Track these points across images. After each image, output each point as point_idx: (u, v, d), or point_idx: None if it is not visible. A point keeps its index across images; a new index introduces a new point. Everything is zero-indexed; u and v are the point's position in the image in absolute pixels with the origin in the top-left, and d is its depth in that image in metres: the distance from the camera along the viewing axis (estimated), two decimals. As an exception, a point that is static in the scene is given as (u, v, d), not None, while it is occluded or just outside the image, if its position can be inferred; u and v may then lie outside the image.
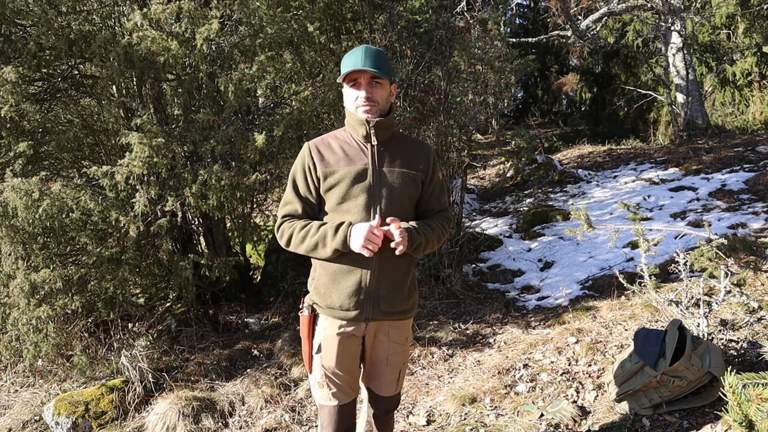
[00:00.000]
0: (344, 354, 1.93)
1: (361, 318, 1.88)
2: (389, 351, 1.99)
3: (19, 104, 3.32)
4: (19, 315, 3.37)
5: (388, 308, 1.89)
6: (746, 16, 11.25)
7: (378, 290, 1.87)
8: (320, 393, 1.99)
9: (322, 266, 1.90)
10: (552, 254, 5.52)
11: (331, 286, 1.88)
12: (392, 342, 1.98)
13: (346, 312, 1.87)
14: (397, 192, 1.87)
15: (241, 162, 3.76)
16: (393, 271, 1.89)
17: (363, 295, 1.86)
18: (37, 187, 3.22)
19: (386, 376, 2.04)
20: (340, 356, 1.92)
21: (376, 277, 1.85)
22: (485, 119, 7.43)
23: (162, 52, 3.47)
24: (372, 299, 1.87)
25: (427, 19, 5.14)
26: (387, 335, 1.97)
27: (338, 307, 1.87)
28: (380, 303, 1.88)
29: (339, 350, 1.92)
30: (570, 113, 17.55)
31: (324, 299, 1.90)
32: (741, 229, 4.88)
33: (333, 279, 1.87)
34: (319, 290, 1.92)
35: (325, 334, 1.93)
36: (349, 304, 1.86)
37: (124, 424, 3.31)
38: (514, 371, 3.35)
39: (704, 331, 2.86)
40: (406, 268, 1.94)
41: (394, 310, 1.92)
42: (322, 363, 1.94)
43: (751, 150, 7.87)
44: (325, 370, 1.95)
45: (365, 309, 1.87)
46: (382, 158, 1.88)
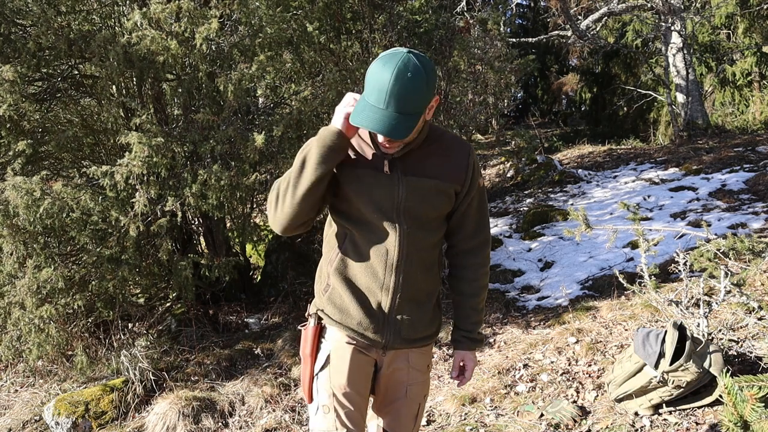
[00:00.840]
0: (357, 370, 1.63)
1: (379, 344, 1.62)
2: (409, 380, 1.69)
3: (18, 104, 3.32)
4: (22, 315, 3.37)
5: (410, 335, 1.64)
6: (746, 16, 11.25)
7: (400, 315, 1.61)
8: (324, 421, 1.61)
9: (339, 276, 1.61)
10: (552, 254, 5.52)
11: (349, 300, 1.60)
12: (412, 369, 1.69)
13: (364, 332, 1.60)
14: (425, 206, 1.57)
15: (241, 162, 3.76)
16: (418, 293, 1.63)
17: (383, 320, 1.60)
18: (38, 186, 3.23)
19: (404, 410, 1.72)
20: (352, 371, 1.62)
21: (399, 300, 1.59)
22: (485, 119, 7.44)
23: (161, 52, 3.47)
24: (393, 325, 1.61)
25: (427, 19, 5.14)
26: (407, 361, 1.69)
27: (356, 324, 1.60)
28: (402, 330, 1.62)
29: (352, 364, 1.62)
30: (570, 113, 17.55)
31: (340, 312, 1.61)
32: (741, 229, 4.88)
33: (353, 293, 1.60)
34: (335, 300, 1.62)
35: (336, 345, 1.64)
36: (369, 326, 1.60)
37: (124, 424, 3.31)
38: (514, 371, 3.35)
39: (704, 331, 2.86)
40: (433, 288, 1.68)
41: (417, 337, 1.66)
42: (330, 380, 1.62)
43: (751, 150, 7.87)
44: (333, 389, 1.61)
45: (385, 335, 1.61)
46: (410, 166, 1.56)
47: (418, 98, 1.41)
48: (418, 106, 1.42)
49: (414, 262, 1.58)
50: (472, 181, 1.63)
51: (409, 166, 1.55)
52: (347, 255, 1.61)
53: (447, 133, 1.67)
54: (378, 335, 1.61)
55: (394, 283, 1.58)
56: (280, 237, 5.34)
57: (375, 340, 1.61)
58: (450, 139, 1.65)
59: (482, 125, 8.64)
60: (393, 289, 1.58)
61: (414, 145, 1.55)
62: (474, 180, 1.64)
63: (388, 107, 1.38)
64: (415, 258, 1.58)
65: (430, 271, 1.65)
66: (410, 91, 1.39)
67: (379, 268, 1.57)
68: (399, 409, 1.72)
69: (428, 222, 1.59)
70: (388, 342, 1.62)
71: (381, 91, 1.38)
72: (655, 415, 2.66)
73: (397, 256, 1.56)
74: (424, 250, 1.60)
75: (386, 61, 1.39)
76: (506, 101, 7.02)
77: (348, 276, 1.61)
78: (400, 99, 1.38)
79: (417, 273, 1.60)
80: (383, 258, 1.56)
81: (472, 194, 1.65)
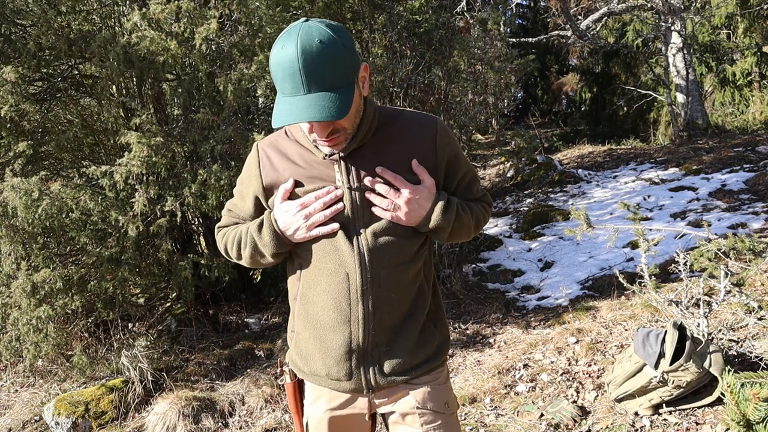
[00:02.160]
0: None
1: (359, 389, 1.34)
2: (423, 426, 1.37)
3: (18, 104, 3.32)
4: (20, 315, 3.37)
5: (397, 368, 1.33)
6: (746, 16, 11.25)
7: (377, 347, 1.32)
8: None
9: (302, 316, 1.37)
10: (552, 254, 5.52)
11: (313, 346, 1.35)
12: (426, 412, 1.37)
13: (337, 382, 1.34)
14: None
15: (241, 162, 3.76)
16: (397, 316, 1.32)
17: (356, 359, 1.32)
18: (36, 186, 3.23)
19: None
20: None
21: (372, 332, 1.30)
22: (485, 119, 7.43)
23: (161, 52, 3.47)
24: (370, 361, 1.33)
25: (427, 19, 5.14)
26: (413, 403, 1.36)
27: (325, 375, 1.35)
28: (384, 365, 1.33)
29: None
30: (570, 113, 17.56)
31: (306, 362, 1.38)
32: (741, 229, 4.88)
33: (315, 336, 1.34)
34: (300, 349, 1.39)
35: (313, 412, 1.41)
36: (339, 372, 1.33)
37: (124, 424, 3.31)
38: (514, 371, 3.35)
39: (704, 331, 2.86)
40: (419, 303, 1.36)
41: (407, 367, 1.35)
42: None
43: (751, 150, 7.87)
44: None
45: (364, 377, 1.33)
46: (362, 167, 1.28)
47: (340, 66, 1.14)
48: (345, 75, 1.15)
49: (384, 282, 1.29)
50: (446, 154, 1.33)
51: (363, 162, 1.27)
52: (306, 290, 1.34)
53: (405, 112, 1.36)
54: (355, 380, 1.33)
55: (363, 312, 1.29)
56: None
57: (354, 388, 1.34)
58: (408, 119, 1.34)
59: (482, 125, 8.63)
60: (363, 320, 1.29)
61: (363, 136, 1.27)
62: (447, 152, 1.33)
63: (309, 90, 1.12)
64: (385, 276, 1.29)
65: (409, 289, 1.34)
66: (326, 60, 1.11)
67: (342, 297, 1.29)
68: None
69: (396, 228, 1.29)
70: (370, 384, 1.34)
71: (293, 74, 1.11)
72: (655, 415, 2.66)
73: (360, 278, 1.27)
74: (396, 265, 1.30)
75: (285, 40, 1.12)
76: (506, 101, 7.01)
77: (310, 315, 1.34)
78: (318, 74, 1.11)
79: (391, 294, 1.30)
80: (344, 284, 1.28)
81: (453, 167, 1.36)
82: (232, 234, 1.41)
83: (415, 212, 1.28)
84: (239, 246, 1.38)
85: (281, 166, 1.31)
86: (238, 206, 1.43)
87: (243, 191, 1.40)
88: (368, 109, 1.28)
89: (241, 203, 1.42)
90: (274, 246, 1.31)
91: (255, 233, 1.33)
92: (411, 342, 1.35)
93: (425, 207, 1.28)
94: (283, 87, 1.15)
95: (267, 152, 1.34)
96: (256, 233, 1.33)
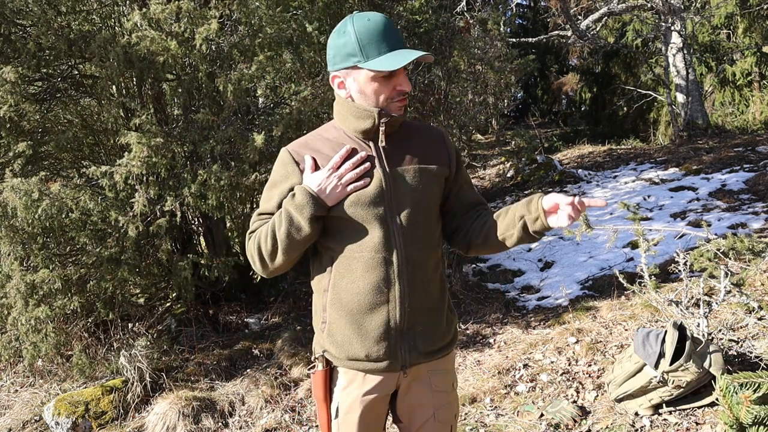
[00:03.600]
0: (370, 420, 1.50)
1: (395, 367, 1.44)
2: (435, 404, 1.53)
3: (18, 104, 3.32)
4: (18, 315, 3.37)
5: (428, 347, 1.47)
6: (746, 16, 11.25)
7: (413, 326, 1.44)
8: None
9: (335, 305, 1.45)
10: (552, 254, 5.52)
11: (350, 331, 1.43)
12: (438, 392, 1.53)
13: (375, 363, 1.43)
14: (419, 196, 1.43)
15: (241, 162, 3.76)
16: (426, 298, 1.46)
17: (394, 338, 1.43)
18: (36, 187, 3.22)
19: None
20: (363, 424, 1.49)
21: (408, 309, 1.42)
22: (485, 119, 7.44)
23: (161, 52, 3.47)
24: (407, 340, 1.44)
25: (427, 19, 5.14)
26: (429, 385, 1.52)
27: (364, 357, 1.43)
28: (418, 343, 1.45)
29: (363, 416, 1.48)
30: (570, 113, 17.56)
31: (343, 349, 1.45)
32: (741, 229, 4.88)
33: (352, 321, 1.43)
34: (335, 337, 1.46)
35: (345, 397, 1.49)
36: (379, 351, 1.42)
37: (124, 424, 3.31)
38: (514, 371, 3.35)
39: (704, 331, 2.86)
40: (442, 290, 1.52)
41: (436, 348, 1.49)
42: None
43: (751, 150, 7.87)
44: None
45: (400, 355, 1.44)
46: (392, 156, 1.44)
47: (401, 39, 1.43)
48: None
49: (417, 263, 1.43)
50: (458, 161, 1.55)
51: (394, 158, 1.44)
52: (340, 279, 1.44)
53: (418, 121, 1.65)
54: (392, 358, 1.43)
55: (400, 291, 1.41)
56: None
57: (390, 366, 1.44)
58: (420, 124, 1.61)
59: (482, 125, 8.64)
60: (400, 299, 1.41)
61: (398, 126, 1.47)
62: (459, 159, 1.56)
63: (404, 46, 1.39)
64: (418, 258, 1.43)
65: (434, 273, 1.49)
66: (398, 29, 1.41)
67: (380, 280, 1.40)
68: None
69: (424, 213, 1.45)
70: (406, 361, 1.45)
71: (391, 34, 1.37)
72: (655, 415, 2.66)
73: (397, 260, 1.40)
74: (425, 248, 1.45)
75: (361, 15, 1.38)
76: (506, 101, 7.02)
77: (345, 301, 1.43)
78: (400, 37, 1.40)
79: (422, 275, 1.44)
80: (382, 266, 1.40)
81: (461, 172, 1.56)
82: (264, 228, 1.45)
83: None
84: (273, 230, 1.41)
85: (318, 160, 1.43)
86: (269, 207, 1.48)
87: (278, 191, 1.46)
88: None
89: (276, 200, 1.46)
90: (311, 208, 1.36)
91: (288, 204, 1.39)
92: (440, 325, 1.50)
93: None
94: (380, 46, 1.35)
95: (299, 151, 1.46)
96: (289, 203, 1.39)
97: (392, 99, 1.40)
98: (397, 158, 1.44)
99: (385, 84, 1.39)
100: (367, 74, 1.38)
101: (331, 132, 1.48)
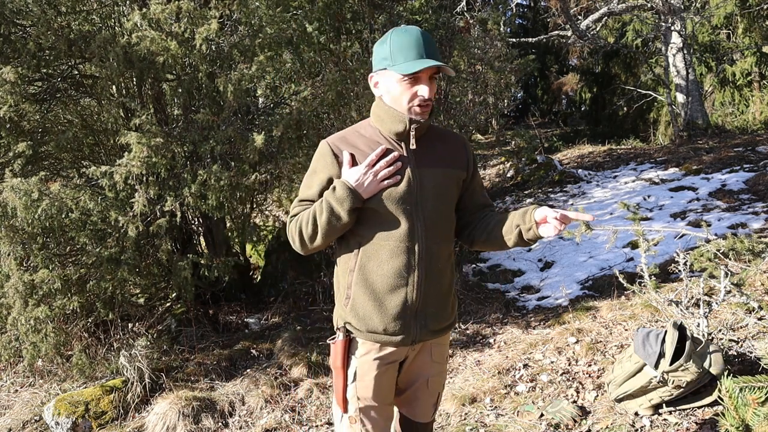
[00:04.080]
0: (383, 382, 1.71)
1: (407, 341, 1.67)
2: (431, 372, 1.80)
3: (18, 104, 3.32)
4: (18, 315, 3.37)
5: (436, 326, 1.70)
6: (745, 16, 11.25)
7: (426, 308, 1.66)
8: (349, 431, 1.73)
9: (360, 284, 1.64)
10: (552, 254, 5.52)
11: (372, 308, 1.64)
12: (434, 362, 1.79)
13: (391, 336, 1.65)
14: (441, 195, 1.65)
15: (241, 162, 3.76)
16: (439, 284, 1.69)
17: (409, 316, 1.64)
18: (36, 187, 3.22)
19: (424, 400, 1.83)
20: (378, 385, 1.70)
21: (423, 293, 1.64)
22: (485, 119, 7.44)
23: (161, 52, 3.47)
24: (419, 319, 1.66)
25: (427, 19, 5.14)
26: (429, 355, 1.77)
27: (382, 331, 1.64)
28: (428, 322, 1.68)
29: (378, 378, 1.69)
30: (570, 113, 17.56)
31: (364, 322, 1.65)
32: (741, 229, 4.88)
33: (374, 299, 1.63)
34: (357, 312, 1.66)
35: (363, 362, 1.70)
36: (395, 327, 1.64)
37: (124, 424, 3.31)
38: (514, 371, 3.35)
39: (704, 331, 2.86)
40: (450, 277, 1.75)
41: (442, 327, 1.73)
42: (357, 394, 1.70)
43: (751, 150, 7.87)
44: (359, 402, 1.71)
45: (413, 331, 1.66)
46: (421, 158, 1.64)
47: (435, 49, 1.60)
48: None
49: (434, 253, 1.63)
50: (474, 166, 1.76)
51: (422, 159, 1.64)
52: (366, 261, 1.63)
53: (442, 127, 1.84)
54: (406, 334, 1.65)
55: (419, 277, 1.62)
56: (280, 237, 5.34)
57: (403, 341, 1.66)
58: (446, 131, 1.80)
59: (482, 125, 8.64)
60: (418, 284, 1.62)
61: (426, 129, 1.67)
62: (475, 165, 1.77)
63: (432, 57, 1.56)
64: (436, 250, 1.64)
65: (447, 263, 1.71)
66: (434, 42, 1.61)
67: (402, 265, 1.61)
68: (419, 398, 1.82)
69: (444, 211, 1.67)
70: (416, 336, 1.67)
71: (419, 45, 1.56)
72: (655, 415, 2.66)
73: (418, 250, 1.61)
74: (442, 242, 1.67)
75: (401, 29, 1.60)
76: (506, 101, 7.01)
77: (370, 281, 1.63)
78: (433, 46, 1.59)
79: (438, 264, 1.65)
80: (405, 254, 1.60)
81: (476, 177, 1.77)
82: (305, 213, 1.64)
83: None
84: (314, 217, 1.61)
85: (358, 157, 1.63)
86: (310, 194, 1.68)
87: (318, 180, 1.66)
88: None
89: (316, 188, 1.66)
90: (350, 201, 1.56)
91: (330, 196, 1.58)
92: (447, 308, 1.73)
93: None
94: (408, 54, 1.55)
95: (338, 145, 1.65)
96: (330, 195, 1.58)
97: (414, 103, 1.59)
98: (425, 160, 1.65)
99: (408, 88, 1.58)
100: (394, 76, 1.58)
101: (367, 130, 1.68)
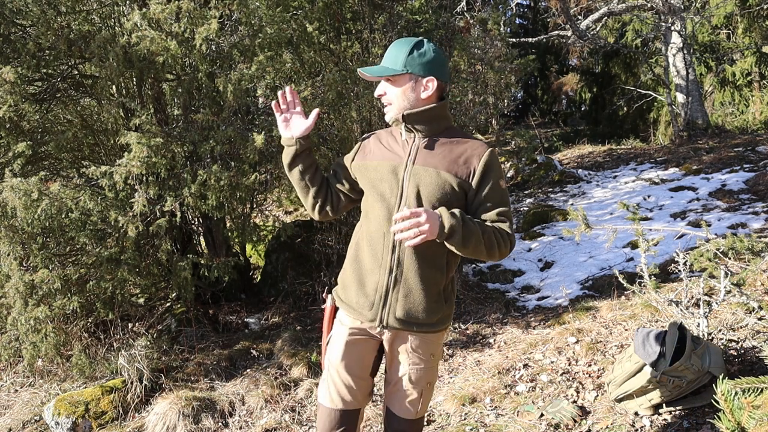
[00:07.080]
0: (350, 354, 1.82)
1: (375, 321, 1.76)
2: (410, 363, 1.82)
3: (18, 104, 3.32)
4: (18, 315, 3.37)
5: (405, 317, 1.73)
6: (745, 16, 11.25)
7: (394, 295, 1.73)
8: (321, 388, 1.90)
9: (351, 259, 1.83)
10: (552, 254, 5.52)
11: (353, 283, 1.80)
12: (413, 353, 1.80)
13: (359, 312, 1.78)
14: (427, 193, 1.68)
15: (241, 162, 3.76)
16: (414, 276, 1.71)
17: (377, 298, 1.74)
18: (36, 187, 3.22)
19: (403, 393, 1.84)
20: (346, 354, 1.82)
21: (394, 280, 1.71)
22: (485, 119, 7.44)
23: (161, 52, 3.47)
24: (387, 304, 1.73)
25: (427, 19, 5.14)
26: (407, 344, 1.80)
27: (354, 304, 1.78)
28: (396, 309, 1.73)
29: (346, 348, 1.82)
30: (570, 113, 17.57)
31: (346, 294, 1.83)
32: (741, 229, 4.88)
33: (356, 276, 1.79)
34: (344, 282, 1.85)
35: (337, 327, 1.86)
36: (362, 304, 1.76)
37: (124, 424, 3.30)
38: (514, 371, 3.35)
39: (704, 331, 2.86)
40: (434, 278, 1.74)
41: (414, 322, 1.74)
42: (329, 356, 1.86)
43: (751, 150, 7.87)
44: (330, 364, 1.85)
45: (379, 313, 1.74)
46: (423, 154, 1.72)
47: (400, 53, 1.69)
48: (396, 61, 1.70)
49: (415, 248, 1.67)
50: (485, 179, 1.70)
51: (421, 156, 1.72)
52: (360, 240, 1.81)
53: (469, 135, 1.81)
54: (372, 313, 1.75)
55: (390, 262, 1.71)
56: (280, 237, 5.34)
57: (371, 318, 1.76)
58: (468, 139, 1.78)
59: (482, 125, 8.63)
60: (389, 268, 1.72)
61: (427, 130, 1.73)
62: (487, 177, 1.70)
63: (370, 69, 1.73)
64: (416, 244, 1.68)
65: (432, 262, 1.72)
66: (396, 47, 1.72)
67: (379, 247, 1.73)
68: (399, 391, 1.85)
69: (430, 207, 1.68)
70: (383, 320, 1.75)
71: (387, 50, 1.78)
72: (655, 415, 2.66)
73: (394, 238, 1.69)
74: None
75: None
76: (506, 101, 7.02)
77: (358, 258, 1.80)
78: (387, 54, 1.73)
79: (415, 256, 1.70)
80: (382, 238, 1.72)
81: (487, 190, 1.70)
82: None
83: (431, 216, 1.58)
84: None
85: (372, 144, 1.84)
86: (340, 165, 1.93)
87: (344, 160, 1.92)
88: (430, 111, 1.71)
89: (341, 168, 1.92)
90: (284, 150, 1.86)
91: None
92: (422, 304, 1.73)
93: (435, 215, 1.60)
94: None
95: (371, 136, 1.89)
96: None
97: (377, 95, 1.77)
98: (424, 157, 1.72)
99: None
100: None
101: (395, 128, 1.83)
